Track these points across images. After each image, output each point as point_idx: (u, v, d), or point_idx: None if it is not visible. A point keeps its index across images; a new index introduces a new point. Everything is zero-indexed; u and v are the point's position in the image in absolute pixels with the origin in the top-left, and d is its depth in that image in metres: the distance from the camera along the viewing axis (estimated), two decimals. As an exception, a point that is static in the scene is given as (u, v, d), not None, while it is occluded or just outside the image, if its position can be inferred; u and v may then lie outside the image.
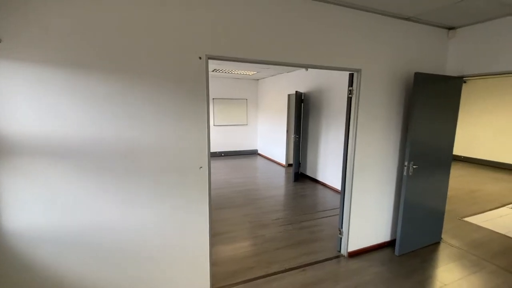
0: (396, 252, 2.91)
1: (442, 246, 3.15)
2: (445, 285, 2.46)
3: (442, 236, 3.35)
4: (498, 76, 7.15)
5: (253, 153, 8.92)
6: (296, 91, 5.51)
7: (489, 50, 2.71)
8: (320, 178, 5.66)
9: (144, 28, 1.77)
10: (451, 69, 3.06)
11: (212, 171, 6.53)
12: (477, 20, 2.72)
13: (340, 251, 2.95)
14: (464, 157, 8.22)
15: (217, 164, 7.35)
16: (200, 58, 1.94)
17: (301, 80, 6.21)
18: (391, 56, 2.75)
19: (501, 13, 2.51)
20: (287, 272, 2.60)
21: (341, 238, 2.92)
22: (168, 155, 1.94)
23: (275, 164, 7.41)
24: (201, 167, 2.04)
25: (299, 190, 5.22)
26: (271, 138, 7.91)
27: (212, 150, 8.24)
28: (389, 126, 2.90)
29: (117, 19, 1.70)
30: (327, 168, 5.40)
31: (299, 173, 6.23)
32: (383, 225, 3.08)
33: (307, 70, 5.95)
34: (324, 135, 5.48)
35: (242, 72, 6.85)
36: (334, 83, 5.06)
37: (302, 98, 6.04)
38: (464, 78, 2.96)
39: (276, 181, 5.75)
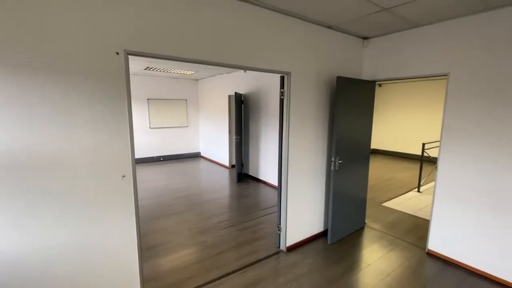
0: (329, 241, 3.16)
1: (366, 230, 3.56)
2: (369, 265, 2.77)
3: (366, 221, 3.80)
4: (407, 80, 8.50)
5: (196, 156, 8.62)
6: (236, 92, 5.52)
7: (395, 58, 3.17)
8: (262, 177, 5.80)
9: (49, 20, 1.48)
10: (366, 74, 3.48)
11: (149, 178, 6.05)
12: (386, 31, 3.15)
13: (279, 247, 3.05)
14: (382, 150, 9.54)
15: (155, 170, 6.85)
16: (117, 53, 1.73)
17: (240, 82, 6.26)
18: (317, 60, 2.97)
19: (404, 26, 2.96)
20: (227, 276, 2.56)
21: (280, 234, 3.02)
22: (81, 164, 1.68)
23: (219, 166, 7.30)
24: (124, 176, 1.83)
25: (242, 190, 5.24)
26: (213, 140, 7.77)
27: (148, 155, 7.65)
28: (318, 125, 3.13)
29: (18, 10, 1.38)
30: (268, 167, 5.57)
31: (243, 174, 6.27)
32: (317, 218, 3.31)
33: (245, 72, 6.03)
34: (264, 135, 5.63)
35: (179, 71, 6.53)
36: (272, 85, 5.25)
37: (242, 99, 6.09)
38: (378, 82, 3.41)
39: (219, 184, 5.66)
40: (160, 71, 6.41)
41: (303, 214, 3.13)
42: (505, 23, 2.33)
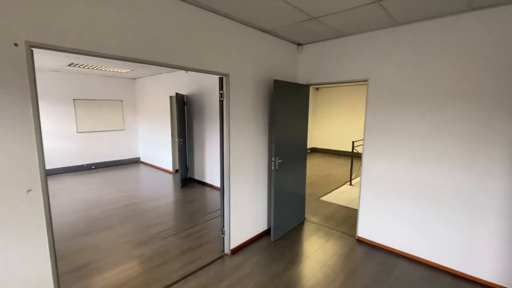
0: (272, 239, 3.26)
1: (306, 224, 3.79)
2: (308, 257, 2.95)
3: (306, 216, 4.04)
4: (341, 84, 9.38)
5: (135, 161, 7.95)
6: (177, 93, 5.28)
7: (325, 64, 3.45)
8: (208, 180, 5.67)
9: None
10: (301, 78, 3.72)
11: (77, 189, 5.32)
12: (317, 39, 3.41)
13: (224, 250, 3.01)
14: (321, 149, 10.35)
15: (85, 180, 6.07)
16: (16, 45, 1.46)
17: (183, 82, 6.01)
18: (255, 63, 3.04)
19: (332, 35, 3.24)
20: (167, 289, 2.41)
21: (223, 238, 2.99)
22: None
23: (161, 172, 6.87)
24: (29, 191, 1.55)
25: (186, 196, 5.02)
26: (155, 144, 7.28)
27: (76, 163, 6.74)
28: (258, 126, 3.20)
29: None
30: (214, 170, 5.47)
31: (188, 178, 6.03)
32: (261, 217, 3.38)
33: (187, 72, 5.82)
34: (209, 137, 5.52)
35: (112, 69, 5.93)
36: (215, 86, 5.18)
37: (185, 100, 5.86)
38: (315, 86, 3.69)
39: (161, 190, 5.32)
40: (89, 68, 5.72)
41: (247, 215, 3.16)
42: (409, 36, 2.76)
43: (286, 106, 3.22)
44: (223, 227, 2.97)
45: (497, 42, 2.29)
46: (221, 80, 2.78)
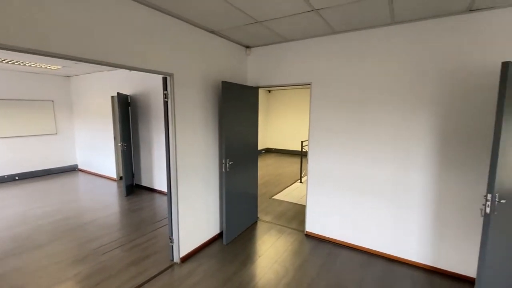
0: (224, 242, 3.23)
1: (259, 224, 3.85)
2: (260, 256, 2.99)
3: (259, 215, 4.11)
4: (292, 87, 9.74)
5: (71, 169, 7.09)
6: (119, 93, 4.87)
7: (272, 67, 3.56)
8: (157, 186, 5.35)
9: None
10: (251, 80, 3.77)
11: (-7, 205, 4.50)
12: (264, 42, 3.48)
13: (173, 259, 2.87)
14: (274, 149, 10.67)
15: (7, 193, 5.18)
16: None
17: (126, 81, 5.57)
18: (203, 64, 2.97)
19: (278, 39, 3.34)
20: (107, 309, 2.19)
21: (172, 246, 2.85)
22: None
23: (103, 180, 6.25)
24: None
25: (132, 204, 4.66)
26: (95, 149, 6.59)
27: (-5, 175, 5.72)
28: (207, 128, 3.14)
29: None
30: (163, 175, 5.19)
31: (134, 185, 5.60)
32: (212, 221, 3.32)
33: (131, 70, 5.41)
34: (157, 141, 5.21)
35: (40, 65, 5.18)
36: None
37: (129, 101, 5.44)
38: (267, 88, 3.77)
39: (103, 200, 4.83)
40: (7, 62, 4.89)
41: (197, 220, 3.06)
42: (345, 44, 3.01)
43: (236, 107, 3.22)
44: (172, 235, 2.83)
45: (417, 50, 2.65)
46: (165, 80, 2.64)
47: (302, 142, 5.99)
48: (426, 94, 2.63)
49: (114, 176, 6.17)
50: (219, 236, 3.43)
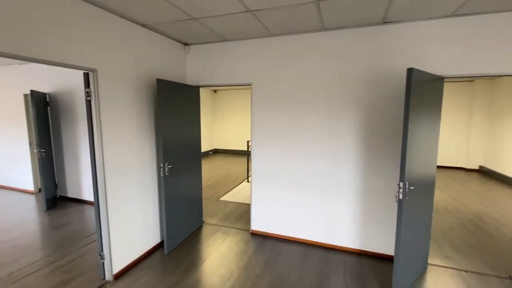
0: (166, 251, 3.03)
1: (204, 228, 3.73)
2: (204, 261, 2.90)
3: (204, 219, 3.99)
4: (237, 87, 9.74)
5: (-29, 183, 5.76)
6: (33, 91, 4.14)
7: (213, 66, 3.48)
8: (87, 197, 4.74)
9: None
10: (191, 79, 3.62)
11: None
12: (203, 40, 3.38)
13: (104, 277, 2.56)
14: (222, 149, 10.57)
15: None
16: None
17: (43, 76, 4.77)
18: (135, 60, 2.72)
19: (217, 38, 3.27)
20: None
21: (103, 263, 2.54)
22: None
23: (17, 193, 5.25)
24: None
25: (55, 219, 4.02)
26: (4, 158, 5.49)
27: None
28: (143, 130, 2.89)
29: None
30: (94, 183, 4.62)
31: (57, 198, 4.85)
32: (151, 230, 3.08)
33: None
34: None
35: None
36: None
37: (47, 100, 4.68)
38: (214, 88, 3.66)
39: (14, 219, 4.05)
40: None
41: (133, 231, 2.80)
42: (283, 47, 3.13)
43: (174, 107, 3.05)
44: (102, 251, 2.52)
45: (344, 56, 2.90)
46: (86, 76, 2.33)
47: (248, 141, 6.05)
48: (351, 96, 2.92)
49: (31, 188, 5.24)
50: (160, 246, 3.21)
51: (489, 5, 2.25)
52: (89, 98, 2.35)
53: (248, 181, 6.11)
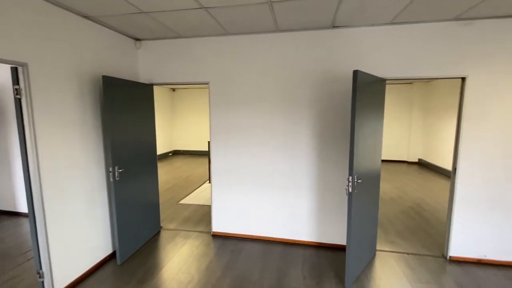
0: (118, 262, 2.81)
1: (162, 233, 3.55)
2: (162, 268, 2.76)
3: (162, 224, 3.81)
4: (196, 86, 9.46)
5: None
6: None
7: (168, 64, 3.32)
8: (23, 209, 4.17)
9: None
10: (143, 77, 3.41)
11: None
12: (156, 36, 3.20)
13: (44, 298, 2.28)
14: (183, 150, 10.22)
15: None
16: None
17: (-41, 72, 4.06)
18: (76, 54, 2.46)
19: (171, 34, 3.13)
20: None
21: (43, 282, 2.26)
22: None
23: None
24: None
25: (-19, 237, 3.46)
26: None
27: None
28: (87, 131, 2.63)
29: None
30: (32, 193, 4.08)
31: (-15, 211, 4.18)
32: (101, 240, 2.83)
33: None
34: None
35: None
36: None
37: (-32, 99, 3.99)
38: (172, 87, 3.47)
39: None
40: None
41: (78, 244, 2.54)
42: (241, 46, 3.12)
43: (125, 107, 2.84)
44: (40, 268, 2.24)
45: (298, 57, 3.00)
46: (14, 71, 2.04)
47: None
48: (306, 97, 3.04)
49: (-51, 202, 4.42)
50: (112, 256, 2.97)
51: (422, 16, 2.53)
52: (18, 96, 2.06)
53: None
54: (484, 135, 2.70)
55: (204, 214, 4.20)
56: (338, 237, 3.16)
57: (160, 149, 9.23)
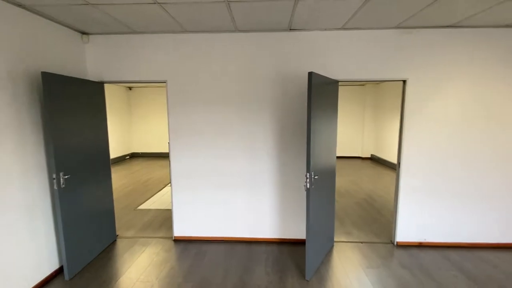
0: (66, 277, 2.55)
1: (118, 242, 3.32)
2: (118, 279, 2.58)
3: (118, 232, 3.56)
4: (154, 84, 8.99)
5: None
6: None
7: (120, 60, 3.10)
8: None
9: None
10: (92, 74, 3.14)
11: None
12: (106, 31, 2.97)
13: (-29, 328, 1.97)
14: (141, 153, 9.66)
15: None
16: None
17: None
18: (7, 49, 2.16)
19: (123, 29, 2.93)
20: None
21: (-31, 309, 1.95)
22: None
23: None
24: None
25: None
26: None
27: None
28: (24, 134, 2.34)
29: None
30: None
31: None
32: (44, 255, 2.54)
33: None
34: None
35: None
36: None
37: None
38: (128, 85, 3.21)
39: None
40: None
41: (17, 261, 2.24)
42: (200, 45, 3.05)
43: (70, 106, 2.58)
44: (-35, 294, 1.93)
45: (257, 57, 3.04)
46: None
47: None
48: (267, 97, 3.10)
49: None
50: (59, 271, 2.68)
51: (368, 23, 2.75)
52: None
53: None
54: (422, 132, 3.04)
55: (165, 219, 4.03)
56: (299, 231, 3.29)
57: (116, 152, 8.60)
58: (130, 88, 9.41)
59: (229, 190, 3.26)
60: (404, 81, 3.02)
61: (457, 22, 2.73)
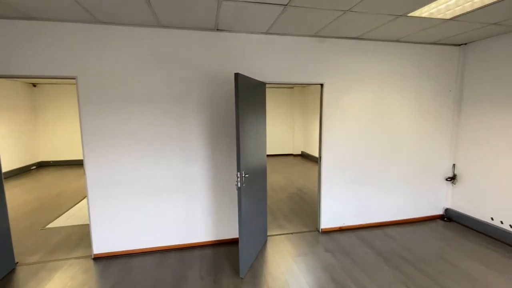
0: None
1: (18, 271, 2.73)
2: (17, 317, 2.12)
3: (18, 259, 2.93)
4: (68, 80, 7.74)
5: None
6: None
7: (13, 50, 2.55)
8: None
9: None
10: (-31, 66, 2.50)
11: None
12: (-15, 13, 2.40)
13: None
14: (53, 161, 8.20)
15: None
16: None
17: None
18: None
19: (12, 13, 2.41)
20: None
21: None
22: None
23: None
24: None
25: None
26: None
27: None
28: None
29: None
30: None
31: None
32: None
33: None
34: None
35: None
36: None
37: None
38: (31, 82, 2.58)
39: None
40: None
41: None
42: (116, 37, 2.74)
43: None
44: None
45: (183, 57, 2.92)
46: None
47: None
48: (198, 97, 3.01)
49: None
50: None
51: (289, 30, 2.96)
52: None
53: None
54: (337, 129, 3.45)
55: (83, 235, 3.51)
56: (234, 230, 3.32)
57: (16, 162, 7.08)
58: (34, 85, 7.87)
59: (156, 196, 3.05)
60: (322, 85, 3.37)
61: (361, 35, 3.19)
